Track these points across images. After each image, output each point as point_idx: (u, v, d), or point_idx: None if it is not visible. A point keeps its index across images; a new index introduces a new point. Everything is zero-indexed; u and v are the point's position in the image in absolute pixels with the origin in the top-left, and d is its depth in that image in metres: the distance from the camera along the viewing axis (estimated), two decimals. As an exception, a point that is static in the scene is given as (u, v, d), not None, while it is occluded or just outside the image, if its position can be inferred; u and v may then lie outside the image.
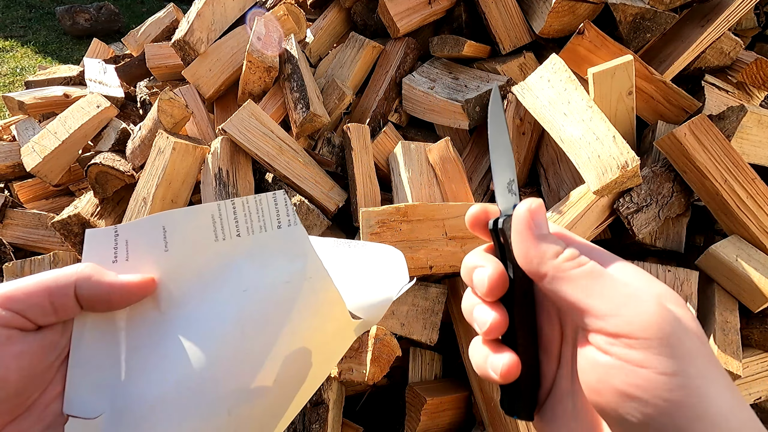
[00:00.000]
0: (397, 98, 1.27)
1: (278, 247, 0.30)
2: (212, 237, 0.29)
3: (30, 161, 1.39)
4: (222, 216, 0.29)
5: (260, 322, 0.29)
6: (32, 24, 3.65)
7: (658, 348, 0.22)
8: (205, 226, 0.29)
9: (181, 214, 0.29)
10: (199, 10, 1.32)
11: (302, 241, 0.30)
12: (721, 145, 0.86)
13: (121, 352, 0.28)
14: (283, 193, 0.30)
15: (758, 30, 1.35)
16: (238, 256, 0.30)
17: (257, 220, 0.30)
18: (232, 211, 0.30)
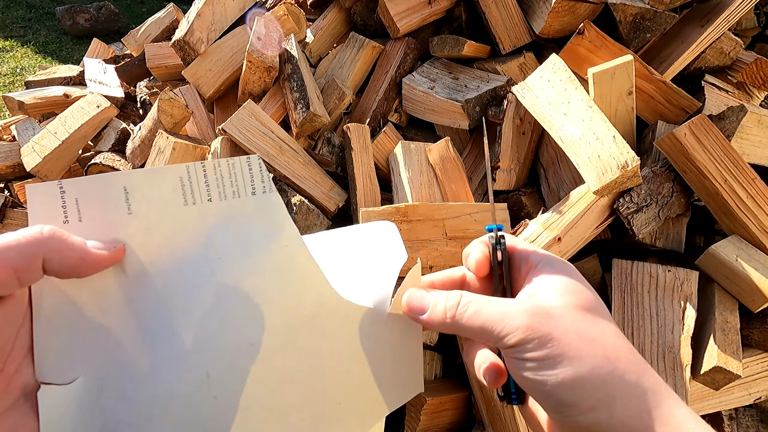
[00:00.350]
0: (397, 98, 1.27)
1: (253, 214, 0.29)
2: (181, 201, 0.28)
3: (30, 161, 1.39)
4: (191, 179, 0.28)
5: (237, 289, 0.28)
6: (32, 24, 3.65)
7: (539, 344, 0.26)
8: (173, 189, 0.28)
9: (143, 174, 0.27)
10: (199, 10, 1.32)
11: (278, 209, 0.29)
12: (721, 145, 0.86)
13: (89, 316, 0.26)
14: (257, 158, 0.29)
15: (758, 30, 1.34)
16: (209, 222, 0.28)
17: (230, 185, 0.28)
18: (202, 174, 0.28)
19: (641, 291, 0.85)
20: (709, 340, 0.80)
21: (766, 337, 0.84)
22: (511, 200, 1.04)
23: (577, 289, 0.29)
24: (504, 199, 1.05)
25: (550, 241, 0.85)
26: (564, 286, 0.29)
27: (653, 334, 0.82)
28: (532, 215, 0.99)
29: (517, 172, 1.06)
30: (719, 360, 0.76)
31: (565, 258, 0.86)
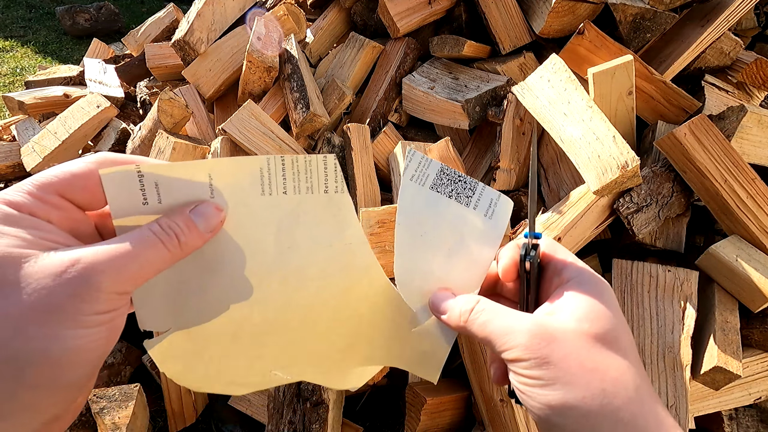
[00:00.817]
0: (397, 98, 1.27)
1: (322, 210, 0.30)
2: (259, 191, 0.29)
3: (30, 161, 1.39)
4: (270, 171, 0.29)
5: (300, 274, 0.31)
6: (32, 24, 3.65)
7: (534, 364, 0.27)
8: (252, 179, 0.29)
9: (227, 162, 0.28)
10: (199, 10, 1.32)
11: (347, 210, 0.31)
12: (721, 145, 0.86)
13: (175, 275, 0.29)
14: (333, 158, 0.30)
15: (758, 30, 1.34)
16: (281, 213, 0.30)
17: (305, 180, 0.30)
18: (281, 167, 0.29)
19: (641, 291, 0.85)
20: (709, 340, 0.80)
21: (766, 337, 0.84)
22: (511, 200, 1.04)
23: (599, 315, 0.28)
24: (504, 199, 1.05)
25: (550, 241, 0.85)
26: (585, 310, 0.28)
27: (653, 334, 0.82)
28: (532, 215, 0.99)
29: (517, 172, 1.06)
30: (719, 360, 0.76)
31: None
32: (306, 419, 0.88)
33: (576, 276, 0.30)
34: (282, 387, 0.93)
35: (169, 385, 1.05)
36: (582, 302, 0.28)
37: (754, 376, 0.85)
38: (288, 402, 0.91)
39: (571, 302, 0.29)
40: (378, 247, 0.86)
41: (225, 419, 1.09)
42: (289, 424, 0.90)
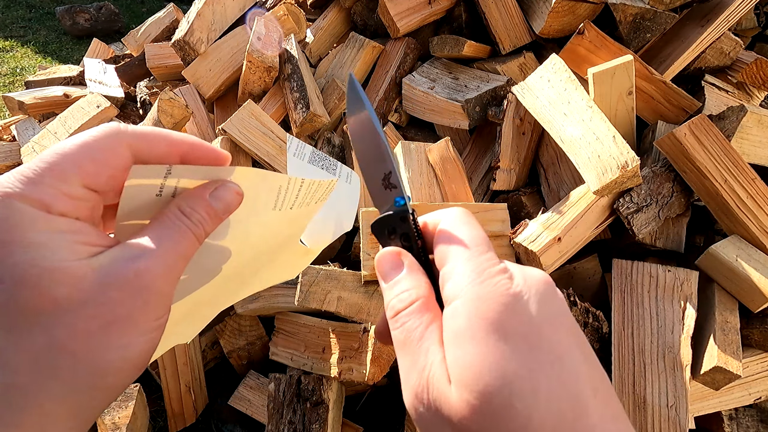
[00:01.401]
0: (397, 98, 1.27)
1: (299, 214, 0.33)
2: (272, 205, 0.30)
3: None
4: (288, 189, 0.30)
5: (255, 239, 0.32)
6: (32, 24, 3.65)
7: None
8: (269, 194, 0.30)
9: (254, 173, 0.29)
10: (199, 10, 1.32)
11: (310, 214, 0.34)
12: (721, 145, 0.86)
13: None
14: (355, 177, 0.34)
15: (758, 30, 1.35)
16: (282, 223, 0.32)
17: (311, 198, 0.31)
18: (298, 188, 0.30)
19: (641, 291, 0.85)
20: (709, 340, 0.80)
21: (766, 337, 0.84)
22: (511, 200, 1.04)
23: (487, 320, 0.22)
24: (504, 199, 1.05)
25: (550, 241, 0.85)
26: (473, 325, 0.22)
27: (653, 334, 0.82)
28: (532, 215, 0.99)
29: (517, 172, 1.06)
30: (719, 360, 0.76)
31: (565, 258, 0.86)
32: (306, 419, 0.88)
33: (443, 251, 0.26)
34: (282, 387, 0.93)
35: (169, 385, 1.05)
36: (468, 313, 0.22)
37: (754, 376, 0.85)
38: (288, 402, 0.91)
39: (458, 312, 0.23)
40: (378, 246, 0.86)
41: (225, 419, 1.09)
42: (289, 424, 0.90)
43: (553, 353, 0.21)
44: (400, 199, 0.28)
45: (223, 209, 0.27)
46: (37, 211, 0.21)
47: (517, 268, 0.24)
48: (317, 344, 0.95)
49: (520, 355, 0.21)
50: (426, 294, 0.25)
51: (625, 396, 0.80)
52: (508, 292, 0.22)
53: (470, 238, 0.25)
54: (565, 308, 0.23)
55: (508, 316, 0.21)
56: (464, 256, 0.24)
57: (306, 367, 0.95)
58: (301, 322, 0.99)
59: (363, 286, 0.88)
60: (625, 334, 0.83)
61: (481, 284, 0.23)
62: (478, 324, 0.21)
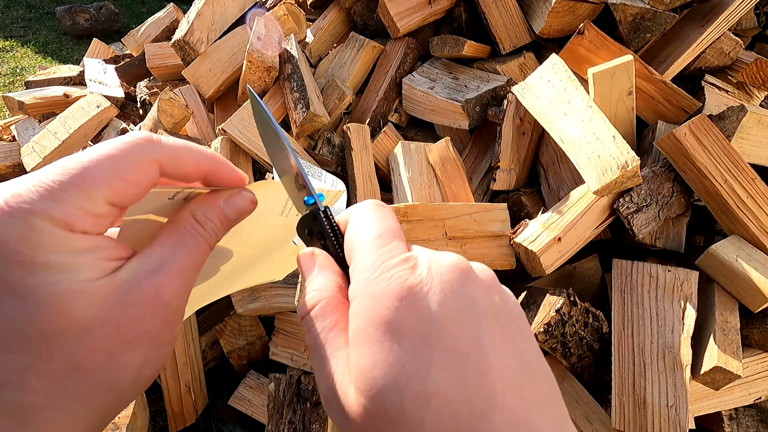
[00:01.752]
0: (397, 98, 1.27)
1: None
2: (279, 211, 0.31)
3: (30, 161, 1.39)
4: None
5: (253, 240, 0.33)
6: (32, 24, 3.65)
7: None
8: (277, 202, 0.30)
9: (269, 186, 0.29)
10: (199, 10, 1.32)
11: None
12: (721, 145, 0.86)
13: None
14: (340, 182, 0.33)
15: (758, 30, 1.35)
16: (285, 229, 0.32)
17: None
18: None
19: (641, 291, 0.85)
20: (709, 340, 0.80)
21: (766, 337, 0.84)
22: (511, 200, 1.04)
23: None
24: (504, 199, 1.05)
25: (551, 241, 0.85)
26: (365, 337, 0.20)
27: (653, 334, 0.82)
28: (532, 215, 0.99)
29: (517, 172, 1.06)
30: (719, 360, 0.76)
31: (565, 258, 0.86)
32: (306, 419, 0.88)
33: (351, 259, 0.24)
34: (282, 387, 0.93)
35: (169, 385, 1.05)
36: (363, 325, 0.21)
37: (754, 376, 0.85)
38: (288, 402, 0.91)
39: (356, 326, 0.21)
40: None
41: (225, 419, 1.09)
42: (289, 424, 0.90)
43: (455, 350, 0.19)
44: (309, 198, 0.27)
45: (235, 216, 0.27)
46: (59, 231, 0.20)
47: (426, 256, 0.22)
48: (317, 344, 0.95)
49: (415, 356, 0.19)
50: (331, 295, 0.24)
51: (625, 396, 0.80)
52: (403, 285, 0.20)
53: (373, 231, 0.24)
54: (483, 296, 0.21)
55: (403, 313, 0.20)
56: (363, 253, 0.23)
57: (306, 367, 0.95)
58: (301, 322, 0.99)
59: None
60: (625, 334, 0.83)
61: (375, 280, 0.21)
62: (372, 324, 0.20)
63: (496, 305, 0.22)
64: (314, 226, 0.27)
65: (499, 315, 0.21)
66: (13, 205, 0.19)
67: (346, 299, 0.24)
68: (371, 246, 0.23)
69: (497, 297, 0.22)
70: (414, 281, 0.21)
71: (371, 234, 0.24)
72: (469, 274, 0.22)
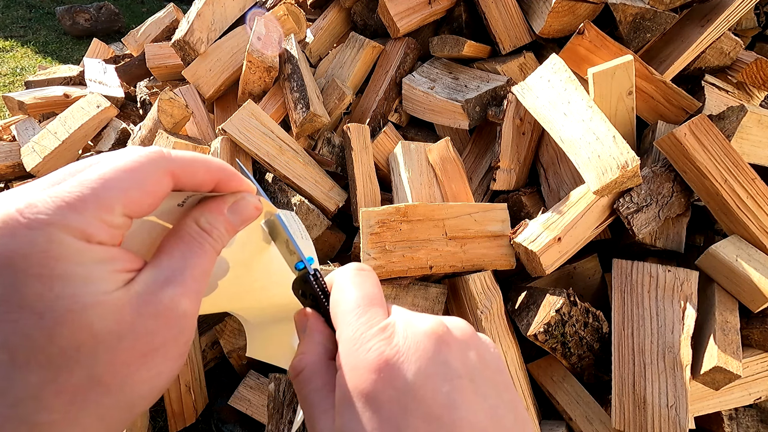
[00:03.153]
0: (397, 98, 1.27)
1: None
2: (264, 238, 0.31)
3: (30, 161, 1.39)
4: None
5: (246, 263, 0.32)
6: (32, 24, 3.65)
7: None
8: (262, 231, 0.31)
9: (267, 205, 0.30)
10: (199, 10, 1.32)
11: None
12: (721, 145, 0.86)
13: None
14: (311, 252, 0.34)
15: (758, 30, 1.35)
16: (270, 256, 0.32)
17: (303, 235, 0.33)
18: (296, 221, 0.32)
19: (641, 291, 0.85)
20: (709, 340, 0.80)
21: (766, 337, 0.84)
22: (511, 200, 1.04)
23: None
24: (504, 199, 1.05)
25: (550, 241, 0.85)
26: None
27: (653, 334, 0.82)
28: (532, 215, 0.99)
29: (517, 172, 1.06)
30: (719, 360, 0.76)
31: (565, 258, 0.86)
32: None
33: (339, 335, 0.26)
34: (282, 387, 0.93)
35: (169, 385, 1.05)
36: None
37: (754, 376, 0.85)
38: (288, 402, 0.91)
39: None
40: (378, 246, 0.86)
41: (225, 419, 1.09)
42: (289, 424, 0.90)
43: (429, 414, 0.21)
44: (299, 263, 0.29)
45: (240, 223, 0.27)
46: (78, 242, 0.20)
47: (402, 323, 0.24)
48: (317, 344, 0.95)
49: (391, 424, 0.21)
50: (317, 359, 0.26)
51: (625, 396, 0.80)
52: (380, 358, 0.22)
53: (353, 299, 0.25)
54: (457, 359, 0.23)
55: (380, 385, 0.21)
56: (345, 322, 0.25)
57: (306, 367, 0.95)
58: (301, 322, 0.99)
59: (363, 286, 0.88)
60: (625, 334, 0.83)
61: (355, 352, 0.23)
62: (353, 395, 0.22)
63: (471, 364, 0.23)
64: (306, 288, 0.29)
65: (474, 374, 0.23)
66: (30, 216, 0.19)
67: (333, 361, 0.26)
68: (351, 317, 0.24)
69: (473, 354, 0.23)
70: (390, 353, 0.22)
71: (351, 303, 0.25)
72: (445, 338, 0.23)
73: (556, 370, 0.92)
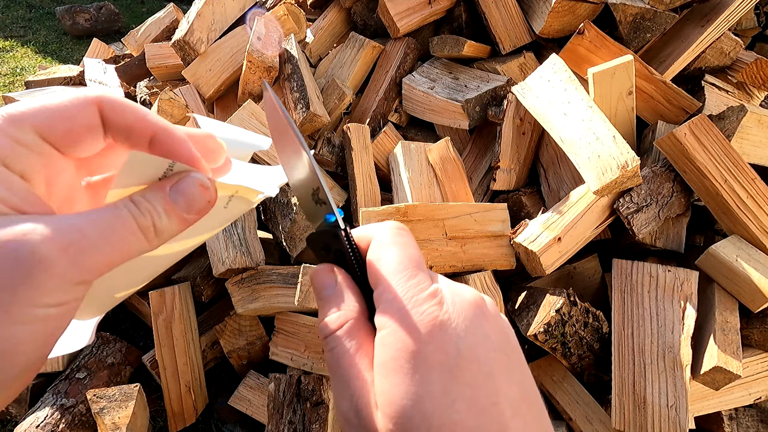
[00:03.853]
0: (397, 98, 1.27)
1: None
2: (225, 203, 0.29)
3: (30, 161, 1.39)
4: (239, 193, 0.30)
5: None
6: (32, 24, 3.65)
7: None
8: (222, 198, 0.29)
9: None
10: (199, 10, 1.32)
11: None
12: (721, 145, 0.86)
13: None
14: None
15: (758, 30, 1.35)
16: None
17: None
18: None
19: (641, 291, 0.85)
20: (709, 340, 0.80)
21: (766, 337, 0.84)
22: (511, 200, 1.04)
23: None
24: (504, 199, 1.05)
25: (551, 241, 0.85)
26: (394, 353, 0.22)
27: (653, 334, 0.82)
28: (532, 215, 0.99)
29: (517, 172, 1.06)
30: (719, 360, 0.76)
31: (565, 258, 0.86)
32: (306, 419, 0.88)
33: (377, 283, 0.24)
34: (282, 387, 0.93)
35: (169, 385, 1.05)
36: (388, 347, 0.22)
37: (754, 376, 0.85)
38: (288, 402, 0.91)
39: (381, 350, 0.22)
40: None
41: (225, 419, 1.09)
42: (289, 424, 0.90)
43: (473, 383, 0.21)
44: (330, 216, 0.27)
45: (185, 206, 0.24)
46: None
47: (448, 290, 0.24)
48: (317, 344, 0.95)
49: (441, 389, 0.21)
50: (356, 316, 0.24)
51: (625, 396, 0.80)
52: (434, 322, 0.22)
53: (399, 260, 0.24)
54: (495, 333, 0.23)
55: (432, 349, 0.21)
56: (392, 282, 0.24)
57: (306, 367, 0.95)
58: (301, 322, 0.99)
59: (363, 286, 0.88)
60: (625, 334, 0.83)
61: (406, 315, 0.22)
62: (403, 356, 0.21)
63: (503, 340, 0.23)
64: (333, 243, 0.27)
65: (506, 349, 0.23)
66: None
67: (368, 322, 0.25)
68: (400, 278, 0.24)
69: (503, 331, 0.24)
70: (443, 318, 0.22)
71: (398, 264, 0.24)
72: (484, 310, 0.24)
73: (556, 370, 0.92)
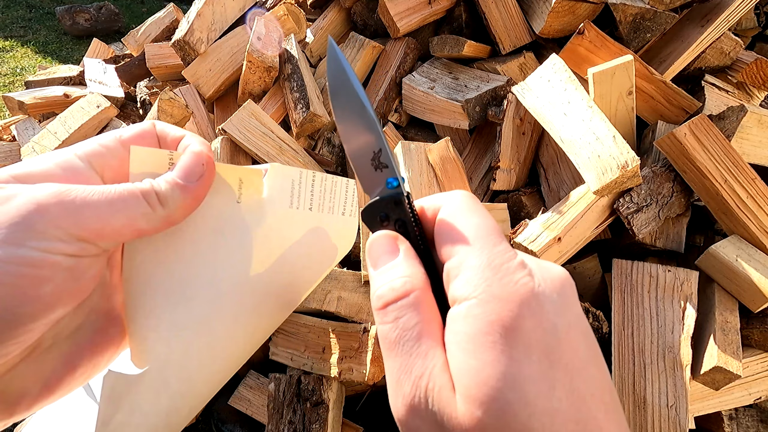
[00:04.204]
0: (397, 98, 1.27)
1: (333, 230, 0.30)
2: (288, 203, 0.29)
3: (30, 161, 1.39)
4: (301, 184, 0.29)
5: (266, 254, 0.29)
6: (32, 24, 3.65)
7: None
8: (285, 189, 0.28)
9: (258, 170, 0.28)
10: (199, 10, 1.32)
11: (352, 230, 0.31)
12: (721, 145, 0.86)
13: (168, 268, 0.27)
14: (354, 183, 0.30)
15: (758, 30, 1.35)
16: (304, 228, 0.30)
17: (328, 200, 0.30)
18: (311, 183, 0.29)
19: (641, 291, 0.85)
20: (709, 340, 0.80)
21: (766, 337, 0.84)
22: (511, 200, 1.04)
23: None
24: (504, 199, 1.05)
25: (551, 241, 0.85)
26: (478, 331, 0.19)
27: (653, 334, 0.82)
28: (532, 215, 0.99)
29: (517, 172, 1.06)
30: (719, 360, 0.76)
31: (565, 258, 0.86)
32: (306, 419, 0.88)
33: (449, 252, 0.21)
34: (282, 387, 0.93)
35: (169, 385, 1.05)
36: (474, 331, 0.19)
37: (754, 376, 0.85)
38: (288, 402, 0.91)
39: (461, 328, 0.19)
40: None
41: (225, 419, 1.09)
42: (289, 424, 0.90)
43: (571, 368, 0.18)
44: (393, 180, 0.24)
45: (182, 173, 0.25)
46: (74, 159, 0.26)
47: (534, 263, 0.21)
48: (317, 344, 0.95)
49: (541, 370, 0.18)
50: (424, 285, 0.21)
51: (625, 396, 0.80)
52: (530, 293, 0.19)
53: (479, 226, 0.21)
54: (580, 310, 0.20)
55: (530, 323, 0.18)
56: (475, 249, 0.20)
57: (306, 367, 0.95)
58: (301, 322, 0.99)
59: (363, 286, 0.88)
60: (625, 334, 0.83)
61: (498, 282, 0.19)
62: (497, 330, 0.18)
63: (588, 325, 0.21)
64: (393, 212, 0.23)
65: (587, 327, 0.21)
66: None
67: (433, 297, 0.22)
68: (483, 244, 0.21)
69: (580, 306, 0.22)
70: (538, 290, 0.19)
71: (480, 230, 0.21)
72: (573, 288, 0.21)
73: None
